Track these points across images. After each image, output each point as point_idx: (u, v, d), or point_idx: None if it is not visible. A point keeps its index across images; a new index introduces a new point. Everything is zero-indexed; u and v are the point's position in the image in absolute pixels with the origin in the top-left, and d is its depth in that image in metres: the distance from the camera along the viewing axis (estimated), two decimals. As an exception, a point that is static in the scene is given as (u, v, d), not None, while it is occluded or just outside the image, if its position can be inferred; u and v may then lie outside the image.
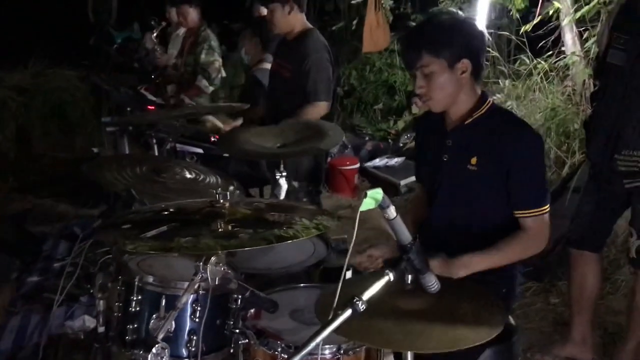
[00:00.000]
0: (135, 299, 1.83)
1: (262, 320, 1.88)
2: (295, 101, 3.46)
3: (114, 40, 8.18)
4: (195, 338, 1.78)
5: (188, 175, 2.59)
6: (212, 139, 3.82)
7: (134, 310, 1.84)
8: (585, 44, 4.85)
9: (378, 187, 1.45)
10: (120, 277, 1.92)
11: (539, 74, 5.11)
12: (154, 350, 1.53)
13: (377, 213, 1.48)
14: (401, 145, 5.91)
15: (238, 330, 1.82)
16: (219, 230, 1.68)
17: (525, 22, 5.12)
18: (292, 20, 3.54)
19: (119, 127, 3.51)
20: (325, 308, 1.57)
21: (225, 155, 3.68)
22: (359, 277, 2.02)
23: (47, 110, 6.28)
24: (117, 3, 8.84)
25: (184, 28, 5.25)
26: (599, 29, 4.08)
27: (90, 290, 2.91)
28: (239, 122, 4.12)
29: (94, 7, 8.71)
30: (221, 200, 1.80)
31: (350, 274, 2.10)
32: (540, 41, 5.19)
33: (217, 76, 4.97)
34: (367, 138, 6.37)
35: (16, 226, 4.19)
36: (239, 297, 1.81)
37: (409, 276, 1.60)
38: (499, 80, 5.55)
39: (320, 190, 3.86)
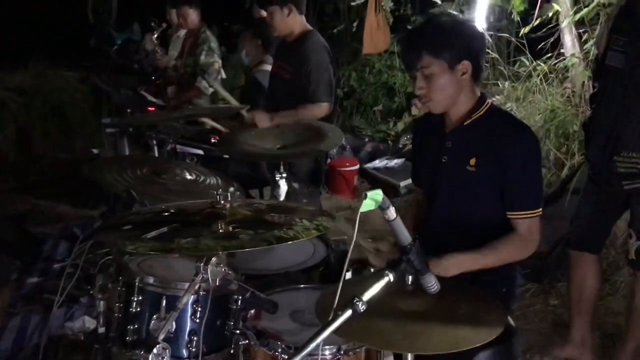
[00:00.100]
0: (135, 299, 1.83)
1: (263, 321, 1.88)
2: (296, 103, 3.47)
3: (114, 42, 8.19)
4: (195, 339, 1.79)
5: (188, 177, 2.60)
6: (212, 140, 3.82)
7: (134, 310, 1.84)
8: (584, 46, 4.86)
9: (378, 189, 1.45)
10: (121, 278, 1.92)
11: (539, 75, 5.12)
12: (155, 350, 1.54)
13: (377, 214, 1.48)
14: (401, 146, 5.92)
15: (238, 331, 1.82)
16: (220, 231, 1.69)
17: (525, 24, 5.13)
18: (291, 22, 3.54)
19: (119, 128, 3.52)
20: (325, 309, 1.57)
21: (226, 157, 3.68)
22: (359, 278, 2.03)
23: (47, 111, 6.28)
24: (117, 4, 8.85)
25: (184, 29, 5.26)
26: (598, 31, 4.09)
27: (90, 291, 2.91)
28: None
29: (94, 8, 8.71)
30: (222, 202, 1.80)
31: (350, 274, 2.11)
32: (539, 43, 5.20)
33: (217, 77, 4.97)
34: (367, 139, 6.38)
35: (16, 227, 4.19)
36: (240, 298, 1.81)
37: (409, 277, 1.61)
38: (499, 81, 5.56)
39: (320, 191, 3.86)
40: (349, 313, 1.43)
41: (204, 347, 1.79)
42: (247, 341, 1.80)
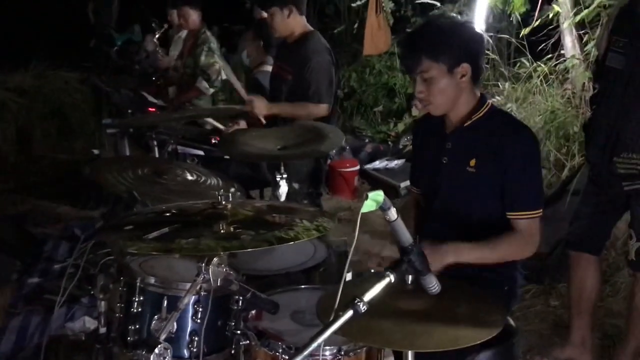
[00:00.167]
0: (137, 299, 1.84)
1: (263, 322, 1.88)
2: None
3: (115, 43, 8.18)
4: (196, 339, 1.79)
5: (189, 177, 2.60)
6: (213, 141, 3.82)
7: (135, 311, 1.84)
8: (585, 47, 4.87)
9: (379, 189, 1.45)
10: (122, 278, 1.93)
11: (539, 76, 5.12)
12: (156, 350, 1.54)
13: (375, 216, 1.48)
14: (401, 147, 5.92)
15: (239, 332, 1.82)
16: (221, 231, 1.69)
17: (525, 25, 5.14)
18: (292, 23, 3.54)
19: (120, 129, 3.52)
20: (326, 309, 1.58)
21: (226, 157, 3.68)
22: (359, 279, 2.03)
23: (48, 112, 6.29)
24: (118, 5, 8.85)
25: (185, 30, 5.26)
26: (598, 32, 4.09)
27: (91, 292, 2.91)
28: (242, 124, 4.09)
29: (94, 9, 8.71)
30: (223, 202, 1.81)
31: (350, 275, 2.11)
32: (540, 44, 5.20)
33: (217, 78, 4.97)
34: (367, 140, 6.38)
35: (16, 227, 4.20)
36: (240, 299, 1.81)
37: (410, 276, 1.61)
38: (499, 82, 5.56)
39: (321, 192, 3.86)
40: (350, 313, 1.43)
41: (205, 348, 1.80)
42: (248, 341, 1.81)
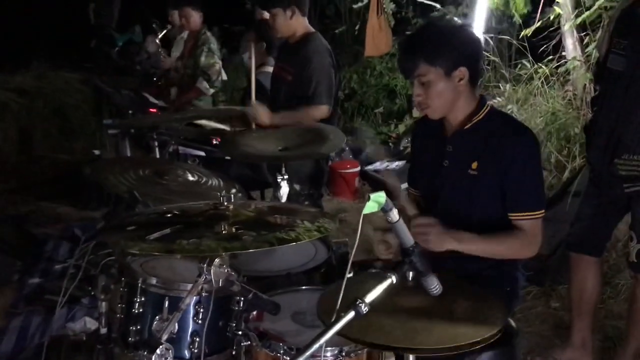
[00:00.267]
0: (138, 300, 1.84)
1: (264, 323, 1.88)
2: (297, 105, 3.47)
3: (116, 43, 8.19)
4: (198, 340, 1.79)
5: (190, 178, 2.60)
6: (214, 142, 3.82)
7: (136, 311, 1.84)
8: (586, 49, 4.87)
9: (381, 191, 1.45)
10: (123, 279, 1.93)
11: (540, 78, 5.12)
12: (158, 351, 1.54)
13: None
14: (402, 148, 5.92)
15: (240, 332, 1.83)
16: (223, 232, 1.69)
17: (526, 27, 5.14)
18: (294, 24, 3.54)
19: (121, 130, 3.52)
20: (327, 310, 1.58)
21: (227, 158, 3.68)
22: (360, 280, 2.03)
23: (49, 113, 6.29)
24: (119, 6, 8.86)
25: (186, 31, 5.26)
26: (599, 34, 4.10)
27: (92, 292, 2.92)
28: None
29: (95, 10, 8.72)
30: (225, 203, 1.81)
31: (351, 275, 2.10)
32: (541, 46, 5.21)
33: (217, 78, 4.98)
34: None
35: (17, 227, 4.20)
36: (242, 299, 1.81)
37: (410, 273, 1.60)
38: (500, 84, 5.57)
39: (322, 193, 3.86)
40: (351, 314, 1.43)
41: (206, 348, 1.80)
42: (249, 342, 1.81)
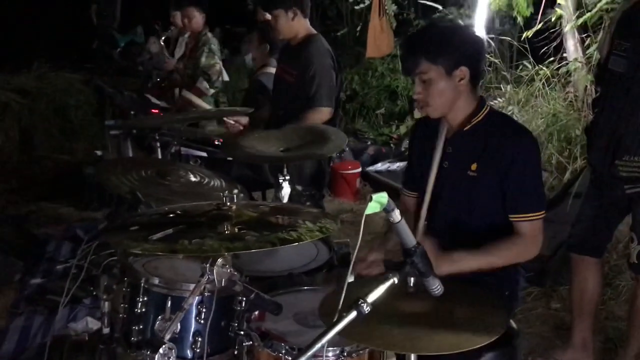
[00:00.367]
0: (141, 300, 1.84)
1: (266, 323, 1.88)
2: (299, 106, 3.47)
3: (117, 44, 8.22)
4: (200, 339, 1.80)
5: (192, 179, 2.60)
6: (216, 143, 3.83)
7: (139, 311, 1.85)
8: (587, 51, 4.88)
9: (383, 191, 1.45)
10: (126, 279, 1.93)
11: (541, 79, 5.13)
12: (161, 350, 1.54)
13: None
14: (403, 149, 5.93)
15: (242, 332, 1.82)
16: (226, 232, 1.69)
17: (527, 28, 5.15)
18: (296, 26, 3.55)
19: (123, 131, 3.53)
20: (328, 310, 1.58)
21: (229, 159, 3.69)
22: (362, 280, 2.03)
23: (50, 113, 6.30)
24: (121, 7, 8.88)
25: (189, 31, 5.28)
26: (600, 35, 4.10)
27: (94, 292, 2.93)
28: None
29: (97, 11, 8.74)
30: (228, 203, 1.81)
31: (352, 277, 2.11)
32: (542, 47, 5.21)
33: (218, 79, 4.99)
34: (369, 143, 6.39)
35: (19, 228, 4.21)
36: (244, 299, 1.81)
37: (412, 279, 1.61)
38: (501, 85, 5.57)
39: (323, 194, 3.87)
40: (353, 314, 1.43)
41: (208, 348, 1.80)
42: (251, 342, 1.81)
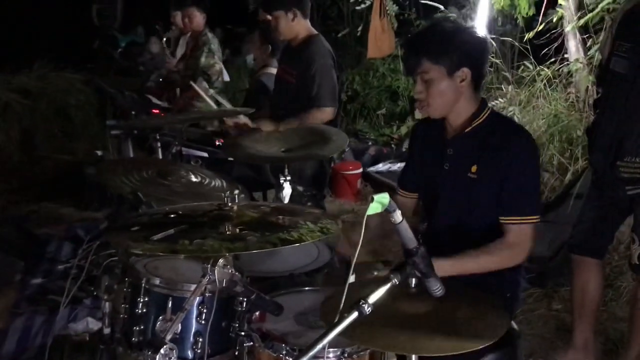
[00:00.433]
0: (142, 300, 1.84)
1: (267, 323, 1.88)
2: (299, 107, 3.47)
3: (118, 44, 8.21)
4: (201, 340, 1.80)
5: (193, 179, 2.60)
6: (217, 143, 3.83)
7: (140, 311, 1.85)
8: (588, 51, 4.88)
9: (384, 192, 1.45)
10: (127, 279, 1.94)
11: (542, 80, 5.13)
12: (162, 351, 1.54)
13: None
14: (404, 150, 5.92)
15: (243, 333, 1.82)
16: (227, 232, 1.69)
17: (529, 29, 5.14)
18: (297, 26, 3.55)
19: (123, 131, 3.53)
20: (329, 311, 1.58)
21: (230, 159, 3.69)
22: (363, 281, 2.03)
23: (51, 113, 6.29)
24: (122, 7, 8.87)
25: (189, 32, 5.27)
26: (602, 36, 4.10)
27: (94, 293, 2.92)
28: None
29: (98, 11, 8.73)
30: (229, 204, 1.81)
31: (353, 278, 2.11)
32: (543, 48, 5.21)
33: (218, 79, 4.98)
34: (370, 143, 6.40)
35: (19, 228, 4.21)
36: (245, 300, 1.81)
37: (413, 280, 1.61)
38: (502, 86, 5.57)
39: (324, 194, 3.87)
40: (354, 315, 1.43)
41: (209, 349, 1.80)
42: (252, 343, 1.81)
